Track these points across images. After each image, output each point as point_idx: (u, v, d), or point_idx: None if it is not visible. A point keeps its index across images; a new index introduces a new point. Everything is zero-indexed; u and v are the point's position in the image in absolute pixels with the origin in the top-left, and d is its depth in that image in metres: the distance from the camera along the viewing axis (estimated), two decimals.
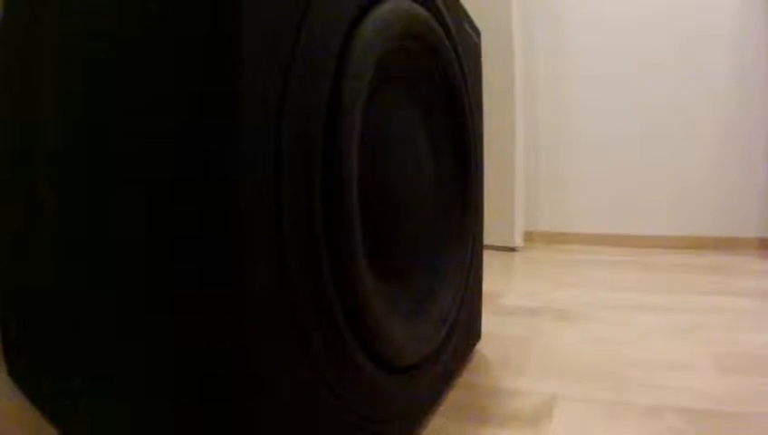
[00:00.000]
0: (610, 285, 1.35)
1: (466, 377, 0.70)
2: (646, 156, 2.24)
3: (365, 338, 0.40)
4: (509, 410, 0.59)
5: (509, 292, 1.29)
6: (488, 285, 1.37)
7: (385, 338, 0.42)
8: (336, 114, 0.35)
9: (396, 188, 0.52)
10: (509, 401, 0.62)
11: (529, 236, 2.44)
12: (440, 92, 0.60)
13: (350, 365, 0.38)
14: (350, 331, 0.38)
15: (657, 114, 2.21)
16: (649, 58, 2.21)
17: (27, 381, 0.43)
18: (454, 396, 0.63)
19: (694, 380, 0.67)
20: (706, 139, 2.15)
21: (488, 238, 2.17)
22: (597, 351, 0.80)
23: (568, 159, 2.37)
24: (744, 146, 2.11)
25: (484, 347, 0.83)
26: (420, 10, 0.50)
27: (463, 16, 0.68)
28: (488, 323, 0.98)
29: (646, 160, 2.24)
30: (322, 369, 0.35)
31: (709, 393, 0.63)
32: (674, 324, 0.95)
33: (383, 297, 0.46)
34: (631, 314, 1.04)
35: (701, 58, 2.14)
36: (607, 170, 2.31)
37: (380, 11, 0.41)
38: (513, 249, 2.14)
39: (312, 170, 0.33)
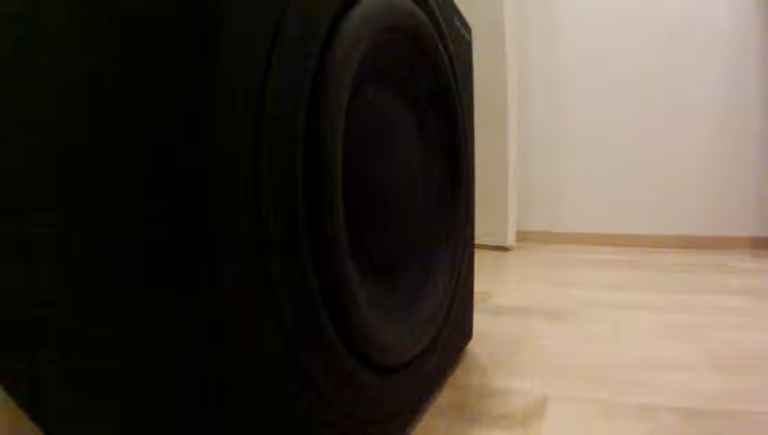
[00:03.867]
0: (604, 285, 1.35)
1: (457, 377, 0.69)
2: (639, 155, 2.25)
3: (351, 338, 0.39)
4: (500, 409, 0.59)
5: (501, 291, 1.28)
6: (481, 285, 1.36)
7: (373, 338, 0.41)
8: (319, 108, 0.34)
9: (384, 185, 0.51)
10: (500, 400, 0.61)
11: (522, 236, 2.44)
12: (430, 89, 0.59)
13: (336, 366, 0.38)
14: (336, 331, 0.37)
15: (651, 113, 2.22)
16: (642, 57, 2.22)
17: (17, 385, 0.42)
18: (444, 396, 0.62)
19: (689, 379, 0.67)
20: (700, 138, 2.16)
21: (481, 238, 2.16)
22: (590, 350, 0.80)
23: (561, 158, 2.37)
24: (737, 145, 2.11)
25: (476, 346, 0.82)
26: (408, 3, 0.49)
27: (453, 12, 0.67)
28: (480, 322, 0.97)
29: (639, 160, 2.25)
30: (308, 371, 0.34)
31: (704, 392, 0.62)
32: (668, 323, 0.95)
33: (371, 296, 0.45)
34: (625, 313, 1.03)
35: (694, 57, 2.14)
36: (600, 170, 2.31)
37: (366, 4, 0.40)
38: (505, 249, 2.14)
39: (293, 167, 0.32)
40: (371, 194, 0.48)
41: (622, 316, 1.01)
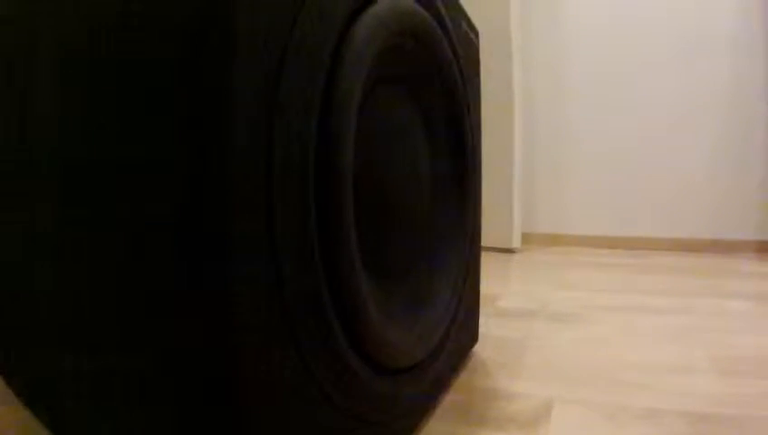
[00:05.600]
0: (608, 287, 1.35)
1: (463, 379, 0.69)
2: (644, 158, 2.24)
3: (360, 340, 0.39)
4: (506, 412, 0.59)
5: (507, 294, 1.28)
6: (486, 287, 1.36)
7: (380, 340, 0.41)
8: (330, 111, 0.34)
9: (393, 187, 0.51)
10: (506, 403, 0.61)
11: (527, 238, 2.44)
12: (438, 92, 0.59)
13: (344, 368, 0.38)
14: (345, 333, 0.37)
15: (656, 116, 2.21)
16: (648, 60, 2.21)
17: (22, 384, 0.42)
18: (450, 399, 0.63)
19: (693, 382, 0.67)
20: (704, 141, 2.15)
21: (486, 240, 2.16)
22: (595, 353, 0.80)
23: (566, 160, 2.37)
24: (741, 148, 2.11)
25: (482, 349, 0.82)
26: (418, 8, 0.49)
27: (461, 15, 0.67)
28: (486, 325, 0.98)
29: (644, 163, 2.24)
30: (316, 372, 0.35)
31: (709, 396, 0.62)
32: (672, 327, 0.95)
33: (378, 298, 0.45)
34: (629, 317, 1.03)
35: (700, 60, 2.14)
36: (605, 172, 2.31)
37: (377, 8, 0.41)
38: (510, 251, 2.14)
39: (305, 168, 0.33)
40: (379, 195, 0.48)
41: (627, 319, 1.01)
